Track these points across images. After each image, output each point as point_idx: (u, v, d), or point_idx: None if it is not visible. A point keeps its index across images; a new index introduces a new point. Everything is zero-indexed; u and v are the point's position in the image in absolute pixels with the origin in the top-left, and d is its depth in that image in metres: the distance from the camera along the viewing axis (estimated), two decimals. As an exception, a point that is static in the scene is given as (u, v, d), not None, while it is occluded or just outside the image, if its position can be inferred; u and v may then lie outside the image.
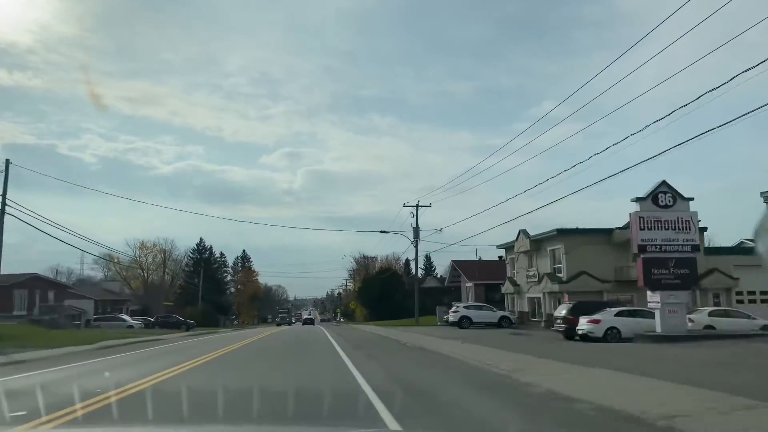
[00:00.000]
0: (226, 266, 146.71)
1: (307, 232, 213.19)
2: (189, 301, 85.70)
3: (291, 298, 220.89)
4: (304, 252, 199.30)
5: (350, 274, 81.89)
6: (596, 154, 33.46)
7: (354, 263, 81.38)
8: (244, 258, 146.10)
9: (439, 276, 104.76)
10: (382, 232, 49.97)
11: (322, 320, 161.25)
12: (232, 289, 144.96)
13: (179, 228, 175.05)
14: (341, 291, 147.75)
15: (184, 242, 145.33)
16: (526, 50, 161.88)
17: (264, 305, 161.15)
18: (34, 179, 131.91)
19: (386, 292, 71.95)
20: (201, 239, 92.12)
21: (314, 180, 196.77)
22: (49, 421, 6.87)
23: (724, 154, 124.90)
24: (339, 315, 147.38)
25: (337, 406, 8.17)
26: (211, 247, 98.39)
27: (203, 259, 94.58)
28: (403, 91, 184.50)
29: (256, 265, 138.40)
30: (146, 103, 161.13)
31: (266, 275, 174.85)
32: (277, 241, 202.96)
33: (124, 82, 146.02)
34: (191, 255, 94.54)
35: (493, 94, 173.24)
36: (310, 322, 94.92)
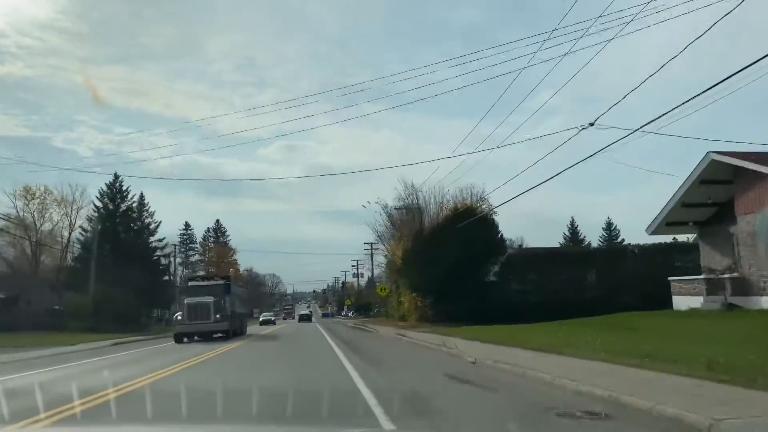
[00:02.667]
0: (193, 242, 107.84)
1: (305, 227, 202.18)
2: (87, 282, 46.17)
3: (289, 291, 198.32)
4: (303, 246, 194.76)
5: (379, 236, 43.81)
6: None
7: (385, 215, 41.99)
8: (218, 230, 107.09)
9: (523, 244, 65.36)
10: None
11: (324, 315, 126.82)
12: (201, 274, 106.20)
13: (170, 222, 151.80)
14: (352, 276, 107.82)
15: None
16: (519, 34, 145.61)
17: (248, 296, 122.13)
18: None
19: (470, 261, 32.74)
20: (116, 175, 52.38)
21: (311, 173, 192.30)
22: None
23: None
24: (348, 309, 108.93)
25: None
26: (141, 196, 58.57)
27: (118, 211, 54.57)
28: (393, 78, 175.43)
29: (248, 257, 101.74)
30: (137, 93, 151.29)
31: (260, 266, 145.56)
32: (275, 234, 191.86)
33: (102, 68, 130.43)
34: (98, 202, 54.62)
35: (486, 81, 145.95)
36: (307, 318, 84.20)
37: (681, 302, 22.87)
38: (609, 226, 73.18)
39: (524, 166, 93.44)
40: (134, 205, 56.10)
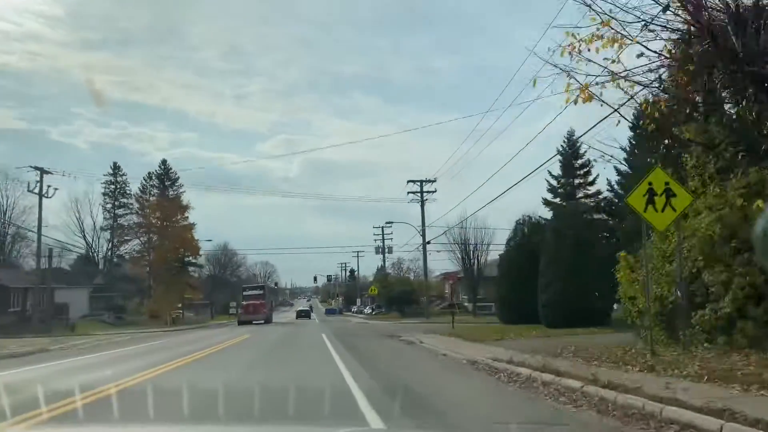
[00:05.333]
0: (125, 194, 69.95)
1: (304, 223, 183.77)
2: None
3: (288, 285, 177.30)
4: (303, 241, 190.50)
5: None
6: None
7: None
8: (164, 177, 68.99)
9: None
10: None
11: (328, 312, 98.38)
12: (138, 243, 68.63)
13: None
14: (375, 252, 69.54)
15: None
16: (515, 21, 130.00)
17: (216, 283, 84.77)
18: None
19: None
20: None
21: (311, 168, 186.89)
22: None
23: None
24: (365, 302, 72.49)
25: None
26: None
27: None
28: (385, 68, 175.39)
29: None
30: (128, 83, 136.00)
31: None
32: (274, 230, 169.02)
33: (81, 54, 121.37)
34: None
35: (482, 72, 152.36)
36: (305, 315, 69.78)
37: None
38: None
39: None
40: None
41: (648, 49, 10.23)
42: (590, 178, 31.03)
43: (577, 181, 31.21)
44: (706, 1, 10.01)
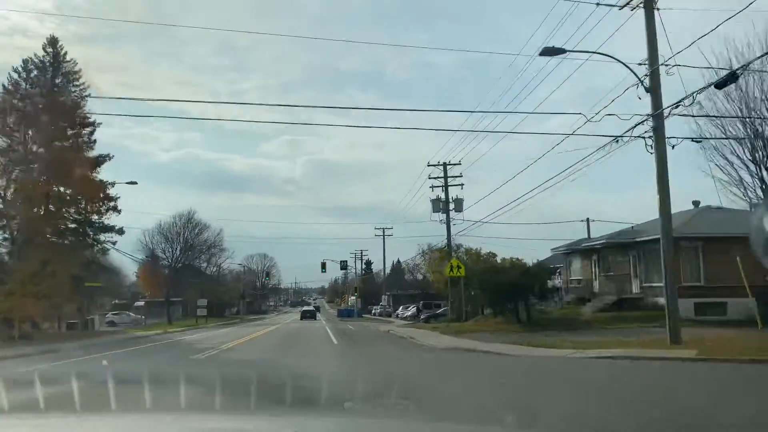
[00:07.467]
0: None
1: (310, 223, 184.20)
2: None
3: (291, 285, 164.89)
4: (307, 242, 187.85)
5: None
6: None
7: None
8: (52, 66, 37.56)
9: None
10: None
11: (342, 314, 75.73)
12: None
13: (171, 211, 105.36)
14: (442, 209, 38.32)
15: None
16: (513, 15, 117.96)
17: (181, 273, 54.90)
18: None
19: None
20: None
21: (315, 169, 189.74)
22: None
23: None
24: (418, 302, 42.67)
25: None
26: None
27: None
28: (382, 63, 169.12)
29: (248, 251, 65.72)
30: (130, 83, 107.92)
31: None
32: (277, 230, 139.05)
33: (71, 48, 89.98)
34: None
35: (479, 67, 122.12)
36: (311, 315, 68.34)
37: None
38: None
39: None
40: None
41: None
42: None
43: None
44: None
